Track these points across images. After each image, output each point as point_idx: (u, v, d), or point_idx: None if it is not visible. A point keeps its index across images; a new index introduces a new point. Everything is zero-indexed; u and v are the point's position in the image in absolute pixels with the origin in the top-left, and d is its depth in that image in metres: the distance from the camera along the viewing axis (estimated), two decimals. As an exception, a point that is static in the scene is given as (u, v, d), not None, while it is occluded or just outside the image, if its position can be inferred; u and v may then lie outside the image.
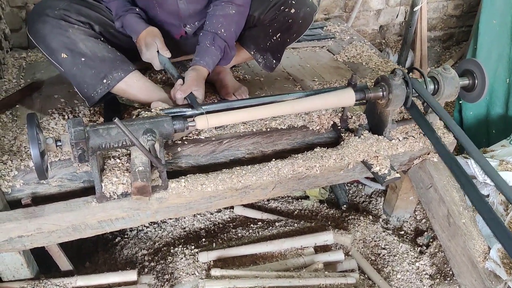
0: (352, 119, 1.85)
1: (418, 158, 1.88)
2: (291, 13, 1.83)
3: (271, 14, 1.86)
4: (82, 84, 1.67)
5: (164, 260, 1.90)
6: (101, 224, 1.55)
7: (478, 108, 2.65)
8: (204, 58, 1.74)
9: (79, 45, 1.64)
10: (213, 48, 1.75)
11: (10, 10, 2.34)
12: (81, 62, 1.64)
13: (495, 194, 1.88)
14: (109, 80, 1.67)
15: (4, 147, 1.63)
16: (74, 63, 1.64)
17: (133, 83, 1.72)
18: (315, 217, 2.24)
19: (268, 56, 1.94)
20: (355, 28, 3.22)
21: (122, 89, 1.72)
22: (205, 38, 1.76)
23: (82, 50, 1.64)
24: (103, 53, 1.67)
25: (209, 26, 1.78)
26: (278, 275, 1.77)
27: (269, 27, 1.88)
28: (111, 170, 1.51)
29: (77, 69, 1.64)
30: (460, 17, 3.59)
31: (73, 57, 1.63)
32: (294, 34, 1.90)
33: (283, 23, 1.85)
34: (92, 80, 1.66)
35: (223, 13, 1.78)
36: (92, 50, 1.65)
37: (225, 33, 1.77)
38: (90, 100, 1.70)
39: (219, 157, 1.75)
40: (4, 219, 1.44)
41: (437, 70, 1.69)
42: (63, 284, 1.68)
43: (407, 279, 1.92)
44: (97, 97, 1.69)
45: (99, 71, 1.66)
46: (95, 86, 1.67)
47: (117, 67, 1.68)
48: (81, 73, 1.65)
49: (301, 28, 1.89)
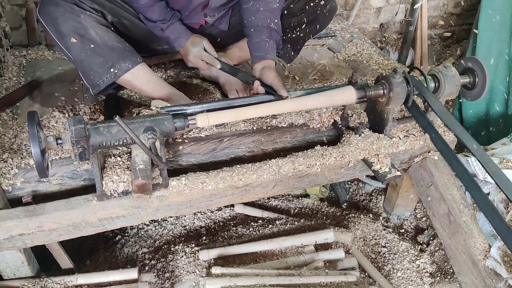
0: (353, 117, 1.85)
1: (419, 156, 1.88)
2: (320, 5, 1.89)
3: (301, 3, 1.91)
4: (89, 71, 1.67)
5: (165, 258, 1.90)
6: (101, 222, 1.54)
7: (478, 106, 2.65)
8: (270, 52, 1.79)
9: (90, 31, 1.63)
10: (272, 41, 1.81)
11: (10, 8, 2.34)
12: (90, 49, 1.63)
13: (496, 192, 1.89)
14: (117, 69, 1.67)
15: (5, 145, 1.63)
16: (83, 49, 1.63)
17: (139, 75, 1.73)
18: (315, 215, 2.24)
19: (287, 47, 1.98)
20: (356, 26, 3.22)
21: (128, 80, 1.72)
22: (261, 33, 1.80)
23: (92, 37, 1.63)
24: (113, 42, 1.67)
25: (259, 21, 1.81)
26: (278, 273, 1.77)
27: (296, 18, 1.92)
28: (111, 168, 1.51)
29: (85, 55, 1.64)
30: (460, 15, 3.59)
31: (83, 43, 1.63)
32: (318, 26, 1.95)
33: (311, 14, 1.90)
34: (99, 68, 1.66)
35: (268, 8, 1.81)
36: (102, 38, 1.65)
37: (275, 26, 1.82)
38: (95, 87, 1.70)
39: (220, 155, 1.75)
40: (5, 217, 1.44)
41: (438, 68, 1.68)
42: (63, 282, 1.68)
43: (407, 277, 1.92)
44: (102, 86, 1.69)
45: (107, 59, 1.66)
46: (101, 74, 1.67)
47: (125, 57, 1.68)
48: (89, 60, 1.65)
49: (325, 22, 1.96)
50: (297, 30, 1.92)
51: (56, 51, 2.33)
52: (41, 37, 2.41)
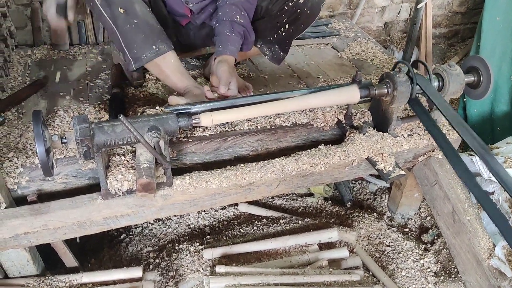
0: (357, 116, 1.85)
1: (423, 155, 1.88)
2: (299, 3, 1.84)
3: (279, 4, 1.87)
4: (132, 44, 1.67)
5: (169, 257, 1.91)
6: (106, 220, 1.55)
7: (483, 105, 2.64)
8: (228, 47, 1.76)
9: (135, 6, 1.64)
10: (234, 35, 1.78)
11: (15, 8, 2.34)
12: (134, 23, 1.64)
13: (500, 191, 1.88)
14: (157, 48, 1.68)
15: (10, 144, 1.64)
16: (128, 21, 1.63)
17: (170, 61, 1.73)
18: (319, 214, 2.24)
19: (275, 48, 1.95)
20: (360, 25, 3.21)
21: (160, 65, 1.72)
22: (223, 27, 1.78)
23: (137, 12, 1.64)
24: (153, 22, 1.68)
25: (223, 15, 1.80)
26: (282, 272, 1.77)
27: (277, 18, 1.89)
28: (116, 167, 1.52)
29: (130, 28, 1.64)
30: (465, 14, 3.57)
31: (128, 15, 1.63)
32: (302, 25, 1.90)
33: (291, 13, 1.86)
34: (142, 43, 1.66)
35: (233, 1, 1.80)
36: (144, 15, 1.66)
37: (240, 19, 1.79)
38: (137, 61, 1.70)
39: (224, 154, 1.75)
40: (10, 216, 1.45)
41: (442, 67, 1.68)
42: (68, 280, 1.69)
43: (411, 276, 1.92)
44: (145, 61, 1.69)
45: (149, 37, 1.66)
46: (144, 50, 1.67)
47: (163, 40, 1.69)
48: (132, 33, 1.65)
49: (309, 19, 1.90)
50: (281, 31, 1.89)
51: (61, 50, 2.34)
52: (46, 36, 2.42)
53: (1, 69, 1.97)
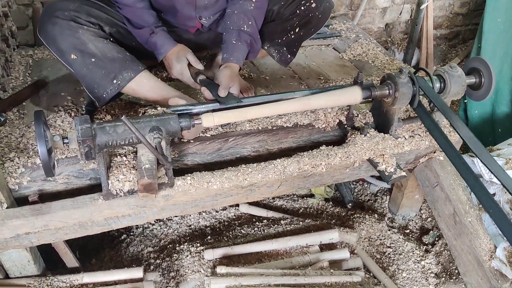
0: (358, 117, 1.85)
1: (424, 157, 1.88)
2: (312, 7, 1.86)
3: (292, 8, 1.89)
4: (92, 84, 1.67)
5: (170, 257, 1.91)
6: (107, 221, 1.55)
7: (484, 107, 2.64)
8: (234, 54, 1.77)
9: (89, 45, 1.63)
10: (240, 43, 1.79)
11: (17, 8, 2.35)
12: (91, 63, 1.63)
13: (502, 193, 1.88)
14: (119, 80, 1.67)
15: (11, 144, 1.64)
16: (84, 63, 1.63)
17: (143, 82, 1.72)
18: (320, 215, 2.24)
19: (283, 50, 1.96)
20: (361, 26, 3.21)
21: (133, 89, 1.72)
22: (230, 36, 1.79)
23: (92, 50, 1.63)
24: (112, 53, 1.67)
25: (231, 24, 1.81)
26: (283, 273, 1.77)
27: (288, 22, 1.90)
28: (117, 168, 1.52)
29: (87, 69, 1.64)
30: (466, 15, 3.58)
31: (83, 57, 1.63)
32: (312, 29, 1.92)
33: (303, 17, 1.88)
34: (102, 80, 1.66)
35: (242, 9, 1.81)
36: (102, 51, 1.65)
37: (248, 28, 1.80)
38: (100, 100, 1.70)
39: (225, 155, 1.75)
40: (11, 216, 1.45)
41: (444, 68, 1.68)
42: (69, 281, 1.69)
43: (412, 278, 1.92)
44: (107, 98, 1.69)
45: (109, 71, 1.66)
46: (105, 87, 1.67)
47: (127, 67, 1.68)
48: (91, 74, 1.65)
49: (320, 23, 1.92)
50: (291, 34, 1.90)
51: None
52: (47, 36, 2.41)
53: (3, 69, 1.97)
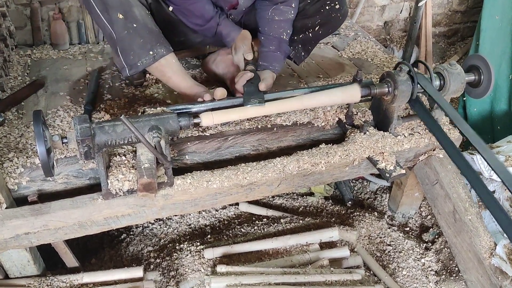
0: (358, 115, 1.85)
1: (424, 154, 1.88)
2: (335, 8, 1.89)
3: (317, 6, 1.91)
4: (129, 50, 1.65)
5: (170, 256, 1.91)
6: (107, 221, 1.55)
7: (483, 104, 2.64)
8: (273, 64, 1.81)
9: (134, 9, 1.62)
10: (279, 53, 1.83)
11: (15, 8, 2.34)
12: (132, 27, 1.62)
13: (501, 190, 1.88)
14: (155, 53, 1.66)
15: (10, 144, 1.64)
16: (126, 26, 1.62)
17: (172, 63, 1.72)
18: (320, 214, 2.24)
19: (299, 48, 1.97)
20: (360, 24, 3.21)
21: (161, 66, 1.71)
22: (270, 43, 1.81)
23: (136, 15, 1.62)
24: (151, 25, 1.67)
25: (271, 31, 1.83)
26: (283, 271, 1.77)
27: (310, 19, 1.91)
28: (117, 167, 1.52)
29: (128, 33, 1.62)
30: (465, 12, 3.57)
31: (126, 19, 1.61)
32: (330, 29, 1.96)
33: (325, 16, 1.90)
34: (139, 49, 1.65)
35: (284, 18, 1.83)
36: (143, 19, 1.64)
37: (287, 37, 1.84)
38: (133, 68, 1.68)
39: (225, 153, 1.75)
40: (11, 216, 1.44)
41: (443, 66, 1.68)
42: (69, 280, 1.69)
43: (412, 276, 1.92)
44: (141, 67, 1.68)
45: (147, 41, 1.65)
46: (141, 56, 1.66)
47: (161, 43, 1.68)
48: (130, 39, 1.63)
49: (337, 25, 1.97)
50: (309, 32, 1.92)
51: (61, 50, 2.34)
52: (45, 36, 2.41)
53: (1, 69, 1.96)
